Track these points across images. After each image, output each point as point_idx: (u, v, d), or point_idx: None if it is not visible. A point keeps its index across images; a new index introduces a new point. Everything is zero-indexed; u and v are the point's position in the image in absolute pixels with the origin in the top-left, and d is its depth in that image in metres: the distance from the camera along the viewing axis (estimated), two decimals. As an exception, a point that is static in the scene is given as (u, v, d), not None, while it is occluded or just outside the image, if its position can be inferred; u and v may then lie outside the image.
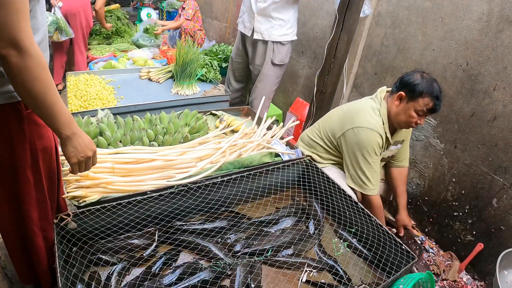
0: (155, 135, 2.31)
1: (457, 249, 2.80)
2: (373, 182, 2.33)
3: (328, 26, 3.74)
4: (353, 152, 2.33)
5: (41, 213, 1.62)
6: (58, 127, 1.31)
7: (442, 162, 2.83)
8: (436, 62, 2.79)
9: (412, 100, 2.21)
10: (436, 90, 2.16)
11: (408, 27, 2.98)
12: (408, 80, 2.24)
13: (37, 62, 1.16)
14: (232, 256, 1.74)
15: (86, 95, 3.10)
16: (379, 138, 2.27)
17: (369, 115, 2.32)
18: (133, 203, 1.76)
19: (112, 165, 1.90)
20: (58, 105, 1.27)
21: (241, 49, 3.66)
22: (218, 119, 2.78)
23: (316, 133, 2.62)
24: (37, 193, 1.56)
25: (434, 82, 2.19)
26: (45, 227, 1.65)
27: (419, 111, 2.21)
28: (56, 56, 4.96)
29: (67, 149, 1.39)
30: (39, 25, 1.37)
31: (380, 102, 2.37)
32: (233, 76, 3.86)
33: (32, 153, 1.47)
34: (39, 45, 1.36)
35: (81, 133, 1.41)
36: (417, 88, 2.18)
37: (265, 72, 3.50)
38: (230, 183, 2.01)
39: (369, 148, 2.26)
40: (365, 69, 3.45)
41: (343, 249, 1.90)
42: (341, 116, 2.47)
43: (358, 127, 2.29)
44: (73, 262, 1.58)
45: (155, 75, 3.65)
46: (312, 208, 2.12)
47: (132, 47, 5.07)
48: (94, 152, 1.48)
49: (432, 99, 2.17)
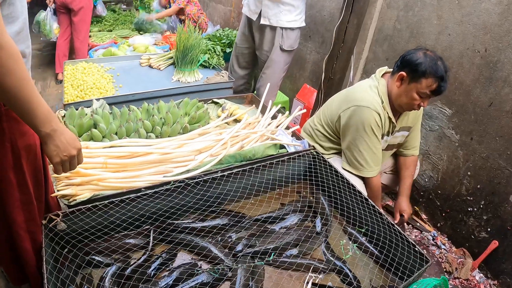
0: (153, 126, 2.20)
1: (470, 246, 2.69)
2: (370, 163, 2.24)
3: (336, 9, 3.59)
4: (349, 132, 2.24)
5: (27, 215, 1.52)
6: (36, 124, 1.21)
7: (457, 154, 2.70)
8: (452, 48, 2.64)
9: (414, 81, 2.06)
10: (440, 70, 1.99)
11: (422, 9, 2.83)
12: (409, 58, 2.08)
13: (9, 54, 1.06)
14: (233, 256, 1.64)
15: (83, 84, 2.99)
16: (376, 116, 2.15)
17: (364, 92, 2.22)
18: (126, 201, 1.66)
19: (104, 160, 1.79)
20: (34, 100, 1.17)
21: (247, 34, 3.53)
22: (220, 108, 2.66)
23: (317, 121, 2.53)
24: (21, 194, 1.47)
25: (438, 61, 2.02)
26: (32, 229, 1.56)
27: (422, 93, 2.06)
28: (58, 44, 4.96)
29: (48, 148, 1.29)
30: (18, 13, 1.26)
31: (378, 80, 2.25)
32: (237, 62, 3.73)
33: (14, 153, 1.37)
34: (18, 34, 1.28)
35: (63, 129, 1.30)
36: (420, 67, 2.02)
37: (274, 58, 3.37)
38: (231, 178, 1.90)
39: (366, 126, 2.15)
40: (376, 54, 3.30)
41: (352, 251, 1.78)
42: (339, 99, 2.38)
43: (354, 106, 2.19)
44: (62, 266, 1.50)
45: (155, 62, 3.52)
46: (320, 204, 2.00)
47: (133, 34, 4.96)
48: (78, 150, 1.38)
49: (436, 80, 2.00)
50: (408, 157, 2.55)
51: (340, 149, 2.43)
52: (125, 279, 1.51)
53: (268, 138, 2.22)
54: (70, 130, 1.98)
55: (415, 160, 2.58)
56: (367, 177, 2.29)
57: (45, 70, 5.56)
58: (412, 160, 2.56)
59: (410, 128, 2.42)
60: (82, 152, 1.43)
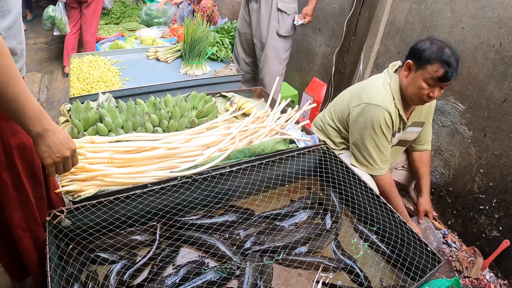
0: (159, 120, 2.17)
1: (481, 245, 2.65)
2: (378, 162, 2.21)
3: (347, 1, 3.54)
4: (358, 129, 2.20)
5: (26, 214, 1.49)
6: (26, 123, 1.16)
7: (470, 151, 2.65)
8: (465, 42, 2.58)
9: (420, 68, 2.02)
10: (446, 55, 1.94)
11: (435, 2, 2.78)
12: (415, 47, 2.06)
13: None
14: (242, 254, 1.62)
15: (89, 77, 2.96)
16: (386, 115, 2.11)
17: (377, 90, 2.17)
18: (132, 197, 1.63)
19: (110, 155, 1.76)
20: (22, 98, 1.12)
21: (247, 19, 3.54)
22: (229, 102, 2.62)
23: (328, 116, 2.49)
24: (17, 194, 1.43)
25: (446, 48, 1.97)
26: (32, 228, 1.53)
27: (429, 79, 2.00)
28: (67, 38, 4.95)
29: (39, 148, 1.24)
30: (10, 7, 1.21)
31: (391, 76, 2.20)
32: (242, 48, 3.74)
33: (6, 152, 1.33)
34: (9, 30, 1.23)
35: (55, 129, 1.25)
36: (424, 54, 1.99)
37: (271, 44, 3.38)
38: (239, 174, 1.86)
39: (375, 125, 2.12)
40: (388, 47, 3.24)
41: (363, 249, 1.74)
42: (351, 94, 2.34)
43: (364, 103, 2.16)
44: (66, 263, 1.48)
45: (163, 55, 3.49)
46: (330, 201, 1.97)
47: (140, 26, 4.92)
48: (73, 151, 1.33)
49: (441, 65, 1.95)
50: (423, 152, 2.52)
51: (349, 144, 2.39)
52: (131, 277, 1.50)
53: (278, 133, 2.19)
54: (75, 124, 1.97)
55: (429, 155, 2.55)
56: (375, 175, 2.26)
57: (51, 64, 5.55)
58: (427, 155, 2.53)
59: (423, 124, 2.38)
60: (76, 153, 1.38)
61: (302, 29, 4.27)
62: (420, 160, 2.52)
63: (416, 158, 2.54)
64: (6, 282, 2.24)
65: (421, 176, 2.52)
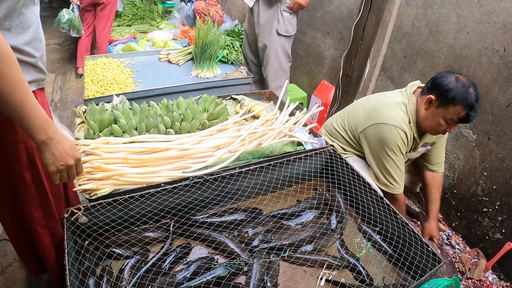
0: (172, 122, 2.23)
1: (484, 247, 2.69)
2: (398, 181, 2.22)
3: (355, 5, 3.59)
4: (376, 150, 2.21)
5: (45, 211, 1.56)
6: (31, 130, 1.19)
7: (474, 154, 2.69)
8: (470, 47, 2.62)
9: (442, 106, 2.00)
10: (471, 98, 1.91)
11: (441, 7, 2.81)
12: (440, 82, 2.01)
13: (1, 57, 1.03)
14: (249, 251, 1.68)
15: (103, 79, 3.03)
16: (403, 135, 2.11)
17: (393, 110, 2.16)
18: (146, 196, 1.70)
19: (125, 156, 1.83)
20: (29, 106, 1.15)
21: (252, 20, 3.62)
22: (239, 104, 2.68)
23: (341, 122, 2.51)
24: (38, 192, 1.49)
25: (470, 88, 1.94)
26: (50, 224, 1.61)
27: (449, 119, 2.00)
28: (81, 40, 5.04)
29: (43, 156, 1.27)
30: (29, 23, 1.27)
31: (408, 97, 2.19)
32: (249, 48, 3.82)
33: (28, 153, 1.39)
34: (29, 44, 1.28)
35: (60, 138, 1.28)
36: (449, 93, 1.95)
37: (272, 44, 3.46)
38: (248, 175, 1.93)
39: (393, 145, 2.13)
40: (394, 51, 3.29)
41: (366, 248, 1.80)
42: (367, 109, 2.32)
43: (381, 123, 2.15)
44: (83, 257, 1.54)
45: (174, 57, 3.56)
46: (335, 201, 2.02)
47: (152, 28, 5.00)
48: (76, 159, 1.36)
49: (465, 108, 1.93)
50: (436, 173, 2.50)
51: (359, 154, 2.44)
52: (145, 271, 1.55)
53: (286, 135, 2.24)
54: (91, 125, 2.05)
55: (442, 177, 2.54)
56: (395, 195, 2.27)
57: (65, 64, 5.64)
58: (440, 177, 2.52)
59: (433, 143, 2.38)
60: (81, 162, 1.41)
61: (312, 32, 4.32)
62: (433, 183, 2.50)
63: (429, 179, 2.52)
64: (22, 277, 2.32)
65: (431, 201, 2.50)
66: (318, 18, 4.18)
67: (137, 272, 1.54)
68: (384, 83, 3.42)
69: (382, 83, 3.45)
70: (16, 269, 2.37)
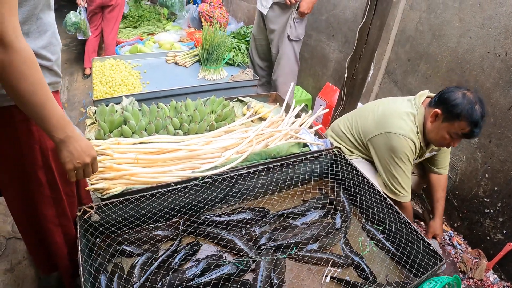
0: (180, 123, 2.28)
1: (485, 247, 2.72)
2: (406, 189, 2.26)
3: (359, 9, 3.63)
4: (385, 158, 2.25)
5: (58, 210, 1.60)
6: (50, 129, 1.23)
7: (476, 156, 2.73)
8: (473, 51, 2.67)
9: (447, 121, 2.05)
10: (476, 115, 1.95)
11: (444, 12, 2.86)
12: (447, 97, 2.05)
13: (24, 59, 1.08)
14: (257, 249, 1.72)
15: (111, 81, 3.09)
16: (412, 144, 2.16)
17: (402, 120, 2.20)
18: (157, 195, 1.74)
19: (135, 156, 1.89)
20: (49, 106, 1.19)
21: (261, 26, 3.66)
22: (246, 106, 2.73)
23: (348, 126, 2.54)
24: (51, 192, 1.53)
25: (477, 104, 1.97)
26: (63, 223, 1.64)
27: (453, 133, 2.05)
28: (89, 41, 5.08)
29: (61, 154, 1.31)
30: (46, 27, 1.31)
31: (417, 107, 2.23)
32: (256, 53, 3.86)
33: (43, 154, 1.43)
34: (45, 48, 1.32)
35: (78, 137, 1.32)
36: (455, 109, 1.99)
37: (284, 49, 3.52)
38: (256, 175, 1.97)
39: (401, 154, 2.17)
40: (398, 55, 3.33)
41: (370, 247, 1.85)
42: (376, 116, 2.35)
43: (390, 133, 2.19)
44: (96, 254, 1.58)
45: (181, 59, 3.62)
46: (340, 202, 2.07)
47: (158, 30, 5.05)
48: (93, 158, 1.40)
49: (469, 125, 1.98)
50: (441, 175, 2.56)
51: (365, 157, 2.48)
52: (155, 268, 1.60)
53: (292, 137, 2.28)
54: (101, 126, 2.09)
55: (447, 179, 2.60)
56: (403, 203, 2.30)
57: (71, 65, 5.68)
58: (445, 179, 2.57)
59: (439, 149, 2.43)
60: (97, 160, 1.45)
61: (317, 35, 4.36)
62: (438, 184, 2.56)
63: (434, 181, 2.57)
64: (31, 274, 2.35)
65: (436, 200, 2.56)
66: (323, 21, 4.22)
67: (148, 268, 1.58)
68: (388, 86, 3.47)
69: (386, 86, 3.49)
70: (25, 267, 2.40)
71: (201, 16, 5.27)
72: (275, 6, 3.44)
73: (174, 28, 5.22)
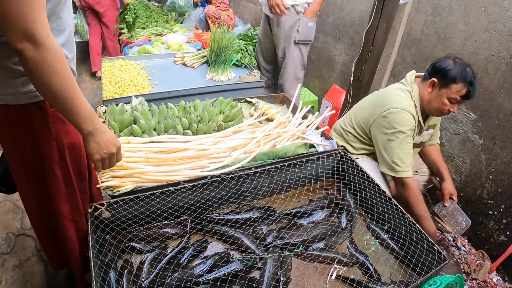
0: (189, 123, 2.33)
1: (489, 249, 2.74)
2: (406, 162, 2.27)
3: (366, 12, 3.65)
4: (385, 134, 2.29)
5: (72, 206, 1.63)
6: (79, 122, 1.28)
7: (480, 158, 2.75)
8: (477, 54, 2.69)
9: (445, 87, 2.17)
10: (469, 76, 2.11)
11: (449, 15, 2.88)
12: (440, 66, 2.19)
13: (55, 56, 1.12)
14: (264, 247, 1.76)
15: (120, 81, 3.12)
16: (411, 118, 2.24)
17: (399, 96, 2.29)
18: (166, 193, 1.78)
19: (146, 155, 1.93)
20: (78, 100, 1.24)
21: (267, 29, 3.65)
22: (253, 107, 2.77)
23: (348, 122, 2.59)
24: (66, 187, 1.56)
25: (467, 67, 2.13)
26: (76, 219, 1.67)
27: (452, 98, 2.16)
28: (91, 44, 5.14)
29: (89, 146, 1.35)
30: (65, 26, 1.35)
31: (411, 85, 2.33)
32: (262, 56, 3.85)
33: (59, 150, 1.47)
34: (64, 46, 1.35)
35: (104, 128, 1.37)
36: (450, 74, 2.13)
37: (291, 52, 3.48)
38: (263, 174, 2.01)
39: (401, 128, 2.23)
40: (404, 57, 3.36)
41: (374, 246, 1.88)
42: (372, 102, 2.46)
43: (389, 109, 2.26)
44: (107, 250, 1.63)
45: (189, 60, 3.65)
46: (346, 201, 2.10)
47: (166, 31, 5.09)
48: (118, 148, 1.45)
49: (465, 85, 2.11)
50: (433, 146, 2.66)
51: (370, 149, 2.50)
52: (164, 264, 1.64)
53: (299, 138, 2.32)
54: (112, 125, 2.13)
55: (438, 148, 2.69)
56: (404, 178, 2.28)
57: (78, 66, 5.55)
58: (438, 148, 2.68)
59: (434, 126, 2.54)
60: (121, 150, 1.50)
61: (323, 37, 4.39)
62: (434, 152, 2.65)
63: (430, 151, 2.66)
64: (39, 271, 2.38)
65: (439, 165, 2.62)
66: (329, 23, 4.25)
67: (158, 264, 1.62)
68: (393, 88, 3.49)
69: (391, 88, 3.52)
70: (34, 263, 2.43)
71: (207, 17, 5.30)
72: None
73: (182, 29, 5.25)
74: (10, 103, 1.31)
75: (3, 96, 1.30)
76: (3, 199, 2.86)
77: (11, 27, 1.05)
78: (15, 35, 1.05)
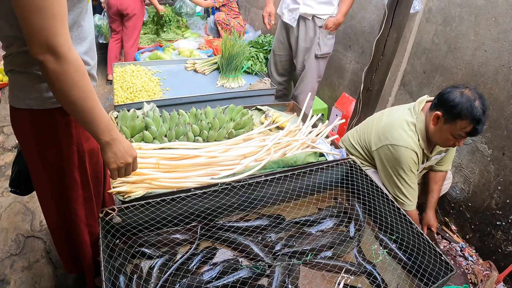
0: (200, 130, 2.34)
1: (497, 259, 2.73)
2: (410, 198, 2.29)
3: (376, 21, 3.67)
4: (387, 169, 2.29)
5: (88, 210, 1.65)
6: (97, 132, 1.30)
7: (489, 169, 2.75)
8: (487, 64, 2.69)
9: (449, 122, 2.03)
10: (476, 111, 1.93)
11: (460, 25, 2.89)
12: (446, 98, 2.05)
13: (75, 68, 1.15)
14: (272, 255, 1.77)
15: (132, 87, 3.14)
16: (414, 155, 2.18)
17: (403, 131, 2.22)
18: (176, 199, 1.80)
19: (157, 161, 1.95)
20: (97, 111, 1.26)
21: (283, 41, 3.66)
22: (264, 115, 2.79)
23: (357, 139, 2.59)
24: (84, 192, 1.59)
25: (476, 100, 1.95)
26: (91, 223, 1.69)
27: (456, 134, 2.05)
28: (111, 47, 5.12)
29: (106, 155, 1.38)
30: (86, 34, 1.37)
31: (417, 115, 2.25)
32: (275, 69, 3.85)
33: (79, 155, 1.49)
34: (86, 54, 1.38)
35: (121, 138, 1.40)
36: (455, 109, 1.98)
37: (310, 65, 3.50)
38: (273, 183, 2.02)
39: (404, 166, 2.20)
40: (414, 67, 3.37)
41: (382, 256, 1.89)
42: (379, 128, 2.38)
43: (392, 145, 2.23)
44: (117, 255, 1.65)
45: (200, 67, 3.68)
46: (354, 211, 2.11)
47: (177, 37, 5.12)
48: (134, 158, 1.47)
49: (471, 122, 1.96)
50: (440, 173, 2.59)
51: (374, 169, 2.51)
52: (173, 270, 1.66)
53: (309, 146, 2.33)
54: (123, 131, 2.15)
55: (445, 175, 2.62)
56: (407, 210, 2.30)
57: (94, 70, 5.73)
58: (443, 175, 2.61)
59: (447, 150, 2.45)
60: (137, 160, 1.52)
61: (334, 45, 4.40)
62: (433, 177, 2.60)
63: (433, 177, 2.61)
64: (48, 273, 2.41)
65: (429, 192, 2.60)
66: (340, 31, 4.26)
67: (167, 270, 1.65)
68: (403, 97, 3.50)
69: (401, 97, 3.52)
70: (43, 265, 2.45)
71: (217, 24, 5.35)
72: (301, 20, 3.43)
73: (193, 35, 5.30)
74: (34, 107, 1.34)
75: (27, 100, 1.33)
76: (13, 201, 2.90)
77: (34, 39, 1.07)
78: (37, 47, 1.08)
